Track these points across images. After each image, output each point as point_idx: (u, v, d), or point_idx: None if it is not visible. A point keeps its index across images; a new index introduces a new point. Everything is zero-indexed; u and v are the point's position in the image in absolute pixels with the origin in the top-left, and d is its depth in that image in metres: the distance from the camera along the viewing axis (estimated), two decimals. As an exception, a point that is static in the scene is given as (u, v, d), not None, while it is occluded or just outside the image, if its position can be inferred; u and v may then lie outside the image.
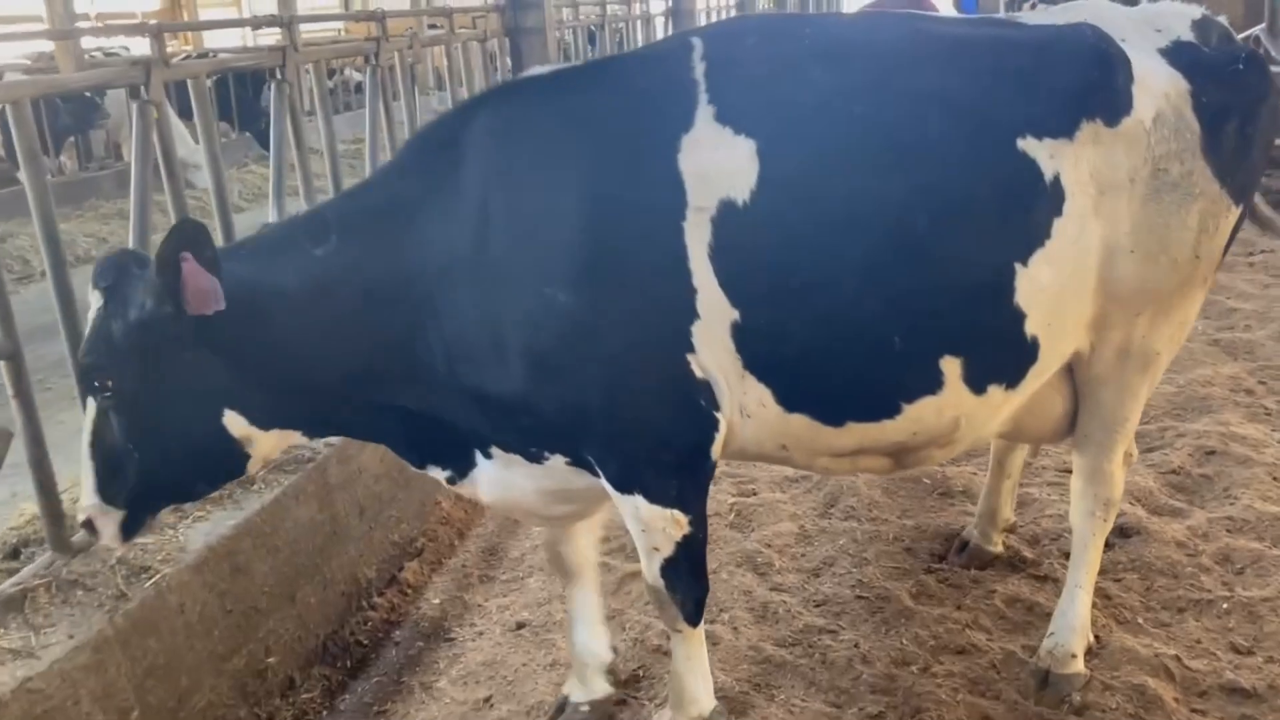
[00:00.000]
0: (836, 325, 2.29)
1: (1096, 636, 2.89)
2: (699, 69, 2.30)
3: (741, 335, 2.26)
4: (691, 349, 2.26)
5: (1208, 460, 3.85)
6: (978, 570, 3.34)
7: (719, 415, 2.33)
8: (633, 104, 2.34)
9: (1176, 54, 2.50)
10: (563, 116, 2.33)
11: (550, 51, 5.57)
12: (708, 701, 2.62)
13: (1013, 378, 2.46)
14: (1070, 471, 3.87)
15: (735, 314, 2.24)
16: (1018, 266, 2.32)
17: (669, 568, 2.45)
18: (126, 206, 9.90)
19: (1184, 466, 3.82)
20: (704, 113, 2.25)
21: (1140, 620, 3.02)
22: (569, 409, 2.28)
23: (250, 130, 10.88)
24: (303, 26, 3.72)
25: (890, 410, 2.40)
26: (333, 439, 3.42)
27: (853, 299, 2.27)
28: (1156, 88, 2.42)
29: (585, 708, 2.79)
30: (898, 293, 2.28)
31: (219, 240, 2.61)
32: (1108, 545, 3.38)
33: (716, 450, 2.40)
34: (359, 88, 15.14)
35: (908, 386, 2.38)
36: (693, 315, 2.24)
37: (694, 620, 2.53)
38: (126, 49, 10.83)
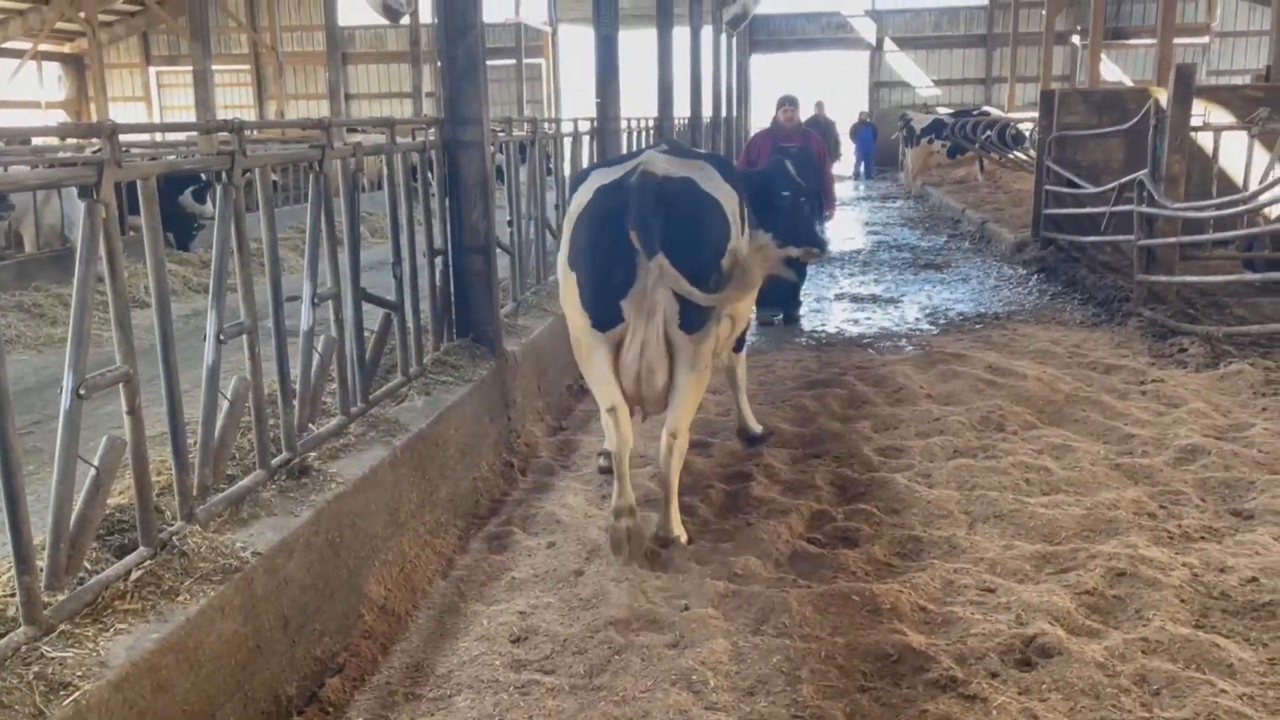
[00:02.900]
0: None
1: (1027, 758, 2.95)
2: None
3: None
4: None
5: (1119, 581, 4.01)
6: (908, 690, 3.39)
7: None
8: None
9: None
10: None
11: (487, 165, 5.68)
12: None
13: None
14: (991, 591, 4.02)
15: None
16: None
17: None
18: (25, 298, 9.54)
19: (1097, 588, 3.97)
20: None
21: (1067, 741, 3.09)
22: None
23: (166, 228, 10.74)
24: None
25: None
26: (260, 547, 3.33)
27: None
28: None
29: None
30: None
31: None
32: (1030, 665, 3.49)
33: None
34: (275, 186, 15.13)
35: None
36: None
37: None
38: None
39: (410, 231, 5.19)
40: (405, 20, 19.90)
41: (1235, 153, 10.45)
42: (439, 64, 5.74)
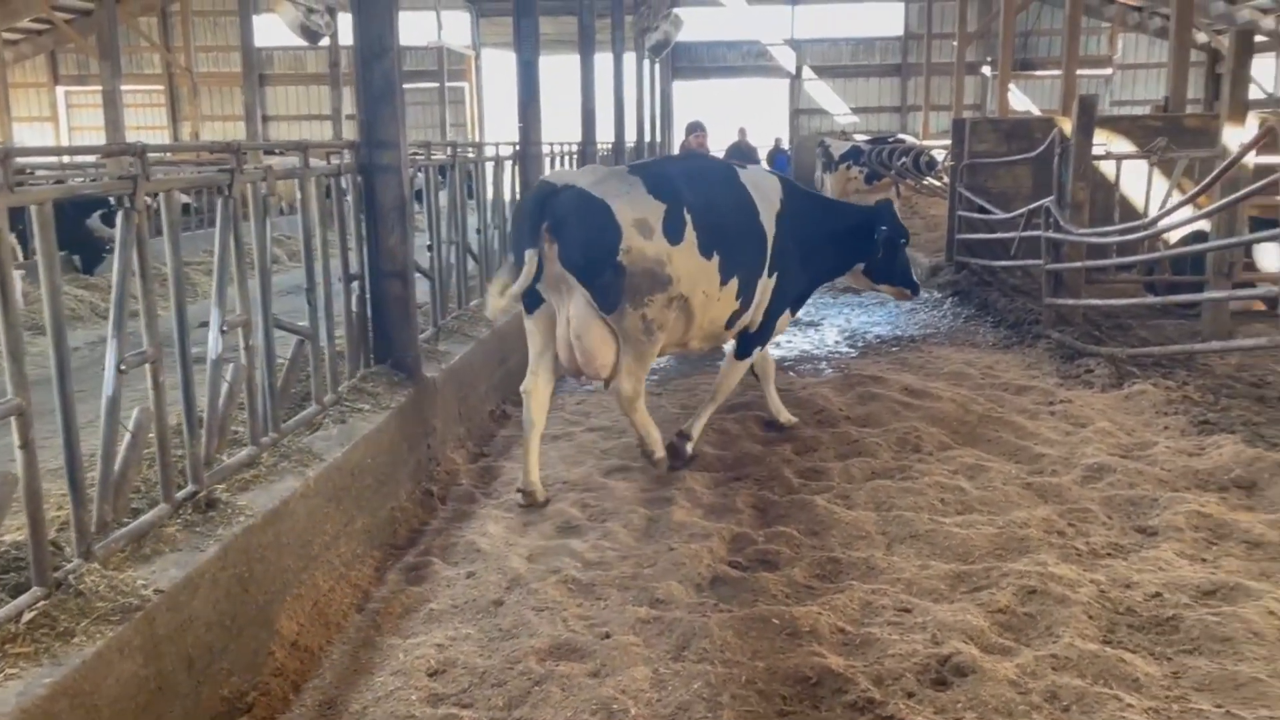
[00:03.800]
0: None
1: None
2: None
3: None
4: None
5: (1030, 599, 4.10)
6: (826, 713, 3.41)
7: None
8: None
9: None
10: None
11: (404, 189, 5.62)
12: None
13: None
14: (907, 611, 4.07)
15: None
16: None
17: None
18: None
19: (1009, 606, 4.05)
20: None
21: (981, 759, 3.13)
22: None
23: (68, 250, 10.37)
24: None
25: None
26: (163, 585, 3.21)
27: None
28: None
29: None
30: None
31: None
32: (945, 684, 3.54)
33: None
34: (187, 209, 14.75)
35: None
36: None
37: None
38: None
39: (325, 256, 5.10)
40: (325, 42, 19.68)
41: (1136, 180, 10.89)
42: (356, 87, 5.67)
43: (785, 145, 31.00)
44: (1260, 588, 4.07)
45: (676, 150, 10.04)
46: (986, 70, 32.74)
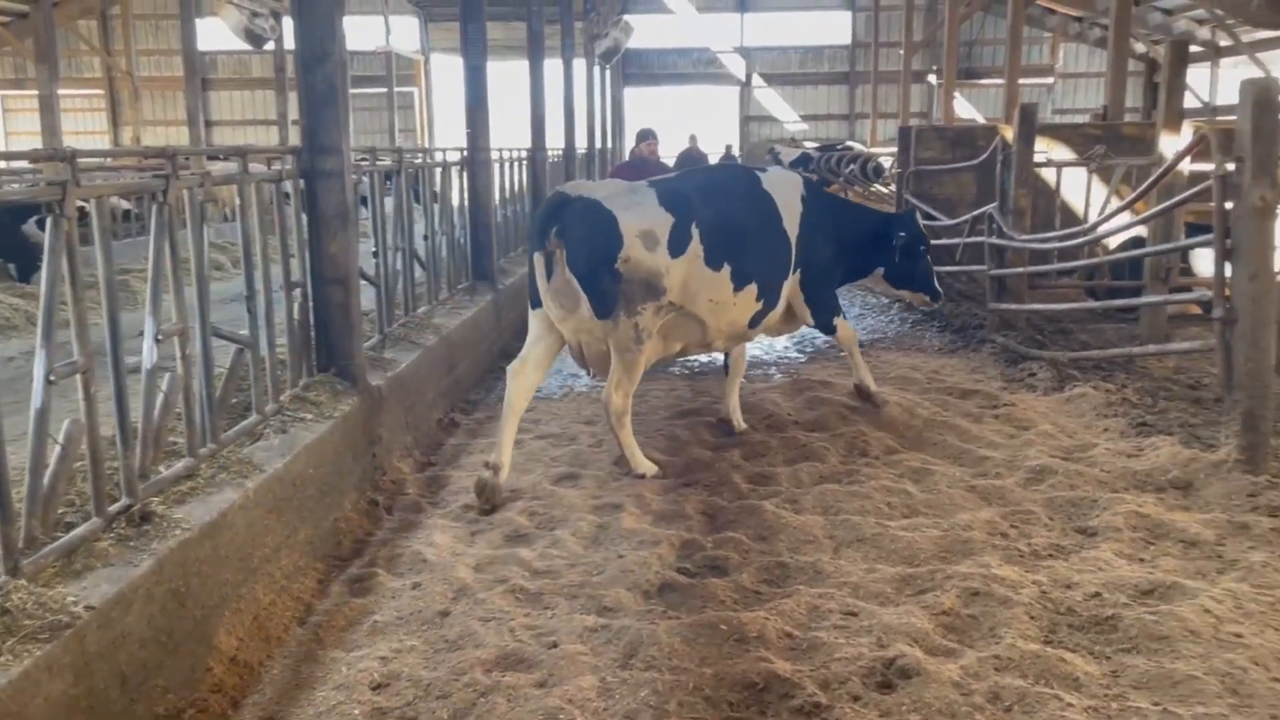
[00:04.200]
0: None
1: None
2: None
3: None
4: None
5: (973, 601, 4.14)
6: (773, 718, 3.41)
7: None
8: None
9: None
10: None
11: (348, 195, 5.55)
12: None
13: None
14: (854, 614, 4.10)
15: None
16: None
17: None
18: None
19: (954, 608, 4.09)
20: None
21: (925, 761, 3.15)
22: None
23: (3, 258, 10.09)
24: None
25: None
26: (94, 601, 3.12)
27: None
28: None
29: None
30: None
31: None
32: (891, 686, 3.56)
33: None
34: (128, 215, 14.45)
35: None
36: None
37: None
38: None
39: (265, 264, 5.01)
40: (269, 46, 19.40)
41: (1076, 187, 11.10)
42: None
43: (735, 152, 31.17)
44: (1196, 586, 4.16)
45: (626, 157, 9.99)
46: (932, 79, 33.24)
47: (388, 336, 6.99)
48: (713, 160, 27.33)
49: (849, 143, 27.32)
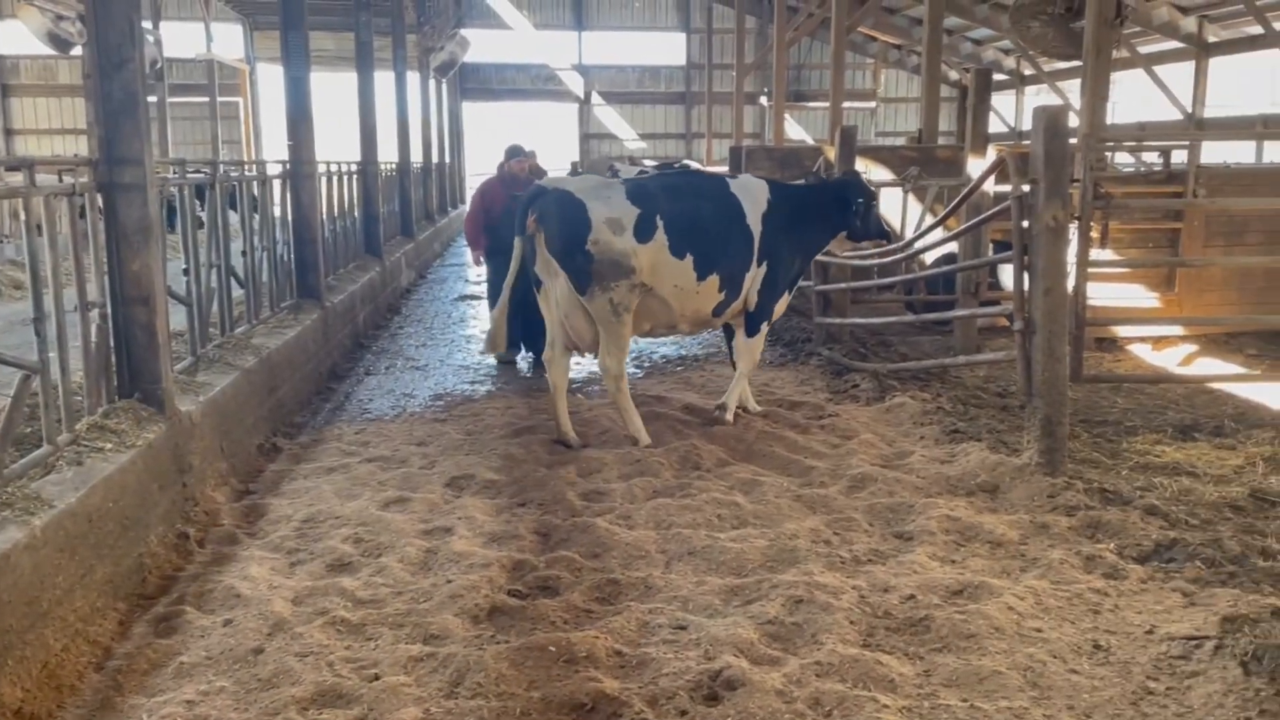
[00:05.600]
0: None
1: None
2: None
3: None
4: None
5: (797, 608, 4.23)
6: None
7: None
8: None
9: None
10: None
11: (150, 209, 5.22)
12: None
13: None
14: (683, 628, 4.10)
15: None
16: None
17: None
18: None
19: (779, 616, 4.16)
20: None
21: (749, 772, 3.18)
22: None
23: None
24: None
25: None
26: None
27: None
28: None
29: None
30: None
31: None
32: (717, 699, 3.59)
33: None
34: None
35: None
36: None
37: None
38: None
39: (57, 283, 4.65)
40: (77, 51, 18.21)
41: (894, 205, 11.64)
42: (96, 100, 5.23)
43: (578, 169, 31.27)
44: (1001, 585, 4.38)
45: (488, 175, 9.68)
46: (764, 100, 34.32)
47: (201, 358, 6.63)
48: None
49: (686, 161, 27.84)
